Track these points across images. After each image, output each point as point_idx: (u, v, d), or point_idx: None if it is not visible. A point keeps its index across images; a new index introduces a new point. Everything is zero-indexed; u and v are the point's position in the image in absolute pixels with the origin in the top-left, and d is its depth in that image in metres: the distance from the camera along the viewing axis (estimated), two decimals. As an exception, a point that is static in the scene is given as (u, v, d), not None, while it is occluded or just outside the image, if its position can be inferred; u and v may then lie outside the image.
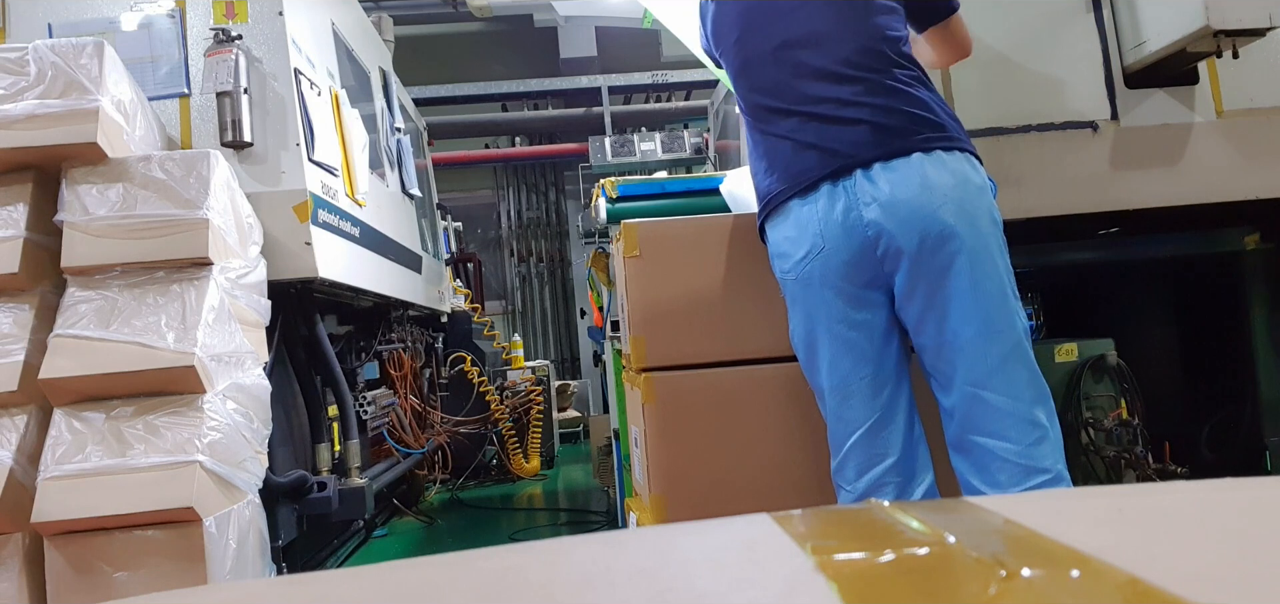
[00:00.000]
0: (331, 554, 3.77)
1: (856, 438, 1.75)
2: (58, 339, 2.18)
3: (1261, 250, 3.01)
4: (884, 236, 1.68)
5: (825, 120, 1.76)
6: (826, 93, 1.78)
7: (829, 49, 1.81)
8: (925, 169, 1.67)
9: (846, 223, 1.69)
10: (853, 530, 0.56)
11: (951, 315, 1.67)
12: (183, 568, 2.07)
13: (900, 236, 1.66)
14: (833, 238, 1.70)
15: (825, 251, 1.71)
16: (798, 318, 1.81)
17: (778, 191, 1.78)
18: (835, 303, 1.73)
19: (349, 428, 3.25)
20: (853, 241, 1.70)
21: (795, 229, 1.73)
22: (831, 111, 1.76)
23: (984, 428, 1.68)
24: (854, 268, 1.71)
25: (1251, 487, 0.65)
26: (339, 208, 3.03)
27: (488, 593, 0.52)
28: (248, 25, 2.80)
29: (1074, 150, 2.80)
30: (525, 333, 9.31)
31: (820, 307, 1.74)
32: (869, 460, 1.75)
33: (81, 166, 2.31)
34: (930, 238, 1.65)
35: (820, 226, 1.70)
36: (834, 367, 1.75)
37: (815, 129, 1.76)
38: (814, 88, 1.79)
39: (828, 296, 1.73)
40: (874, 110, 1.74)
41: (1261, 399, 3.05)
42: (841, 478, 1.80)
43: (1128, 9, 2.78)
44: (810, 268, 1.73)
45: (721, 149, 5.46)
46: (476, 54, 9.13)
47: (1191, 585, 0.41)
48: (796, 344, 1.85)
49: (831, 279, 1.72)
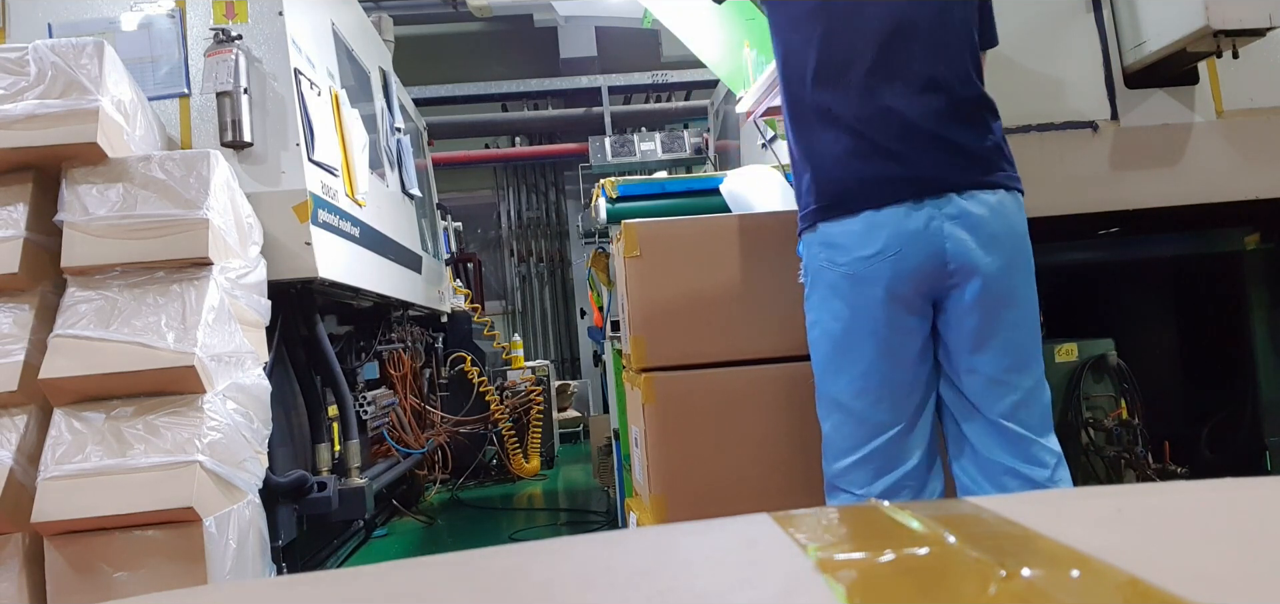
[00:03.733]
0: (331, 554, 3.77)
1: (880, 442, 1.72)
2: (58, 339, 2.18)
3: (1261, 250, 3.01)
4: (960, 256, 1.69)
5: (915, 134, 1.71)
6: (919, 102, 1.73)
7: (926, 47, 1.76)
8: (1006, 204, 1.74)
9: (926, 232, 1.67)
10: (853, 530, 0.56)
11: (1001, 344, 1.74)
12: (183, 568, 2.07)
13: (978, 261, 1.69)
14: (907, 244, 1.67)
15: (898, 256, 1.67)
16: (836, 311, 1.74)
17: (849, 196, 1.70)
18: (891, 306, 1.70)
19: (349, 428, 3.25)
20: (926, 252, 1.68)
21: (865, 226, 1.68)
22: (924, 126, 1.71)
23: (1018, 453, 1.74)
24: (920, 277, 1.69)
25: (1251, 487, 0.65)
26: (339, 208, 3.03)
27: (488, 593, 0.52)
28: (248, 25, 2.80)
29: (1074, 150, 2.80)
30: (525, 333, 9.31)
31: (872, 306, 1.70)
32: (889, 464, 1.73)
33: (81, 166, 2.31)
34: (1001, 268, 1.72)
35: (896, 230, 1.67)
36: (873, 367, 1.72)
37: (901, 138, 1.70)
38: (907, 90, 1.73)
39: (884, 298, 1.69)
40: (965, 135, 1.74)
41: (1261, 399, 3.05)
42: (847, 481, 1.75)
43: (1128, 9, 2.78)
44: (875, 267, 1.68)
45: (721, 149, 5.46)
46: (476, 54, 9.13)
47: (1191, 585, 0.41)
48: (822, 337, 1.77)
49: (895, 283, 1.68)
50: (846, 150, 1.72)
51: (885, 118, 1.71)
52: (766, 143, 3.80)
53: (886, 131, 1.71)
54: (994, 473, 1.75)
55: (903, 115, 1.72)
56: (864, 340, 1.72)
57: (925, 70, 1.75)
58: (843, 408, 1.76)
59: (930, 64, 1.76)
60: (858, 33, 1.75)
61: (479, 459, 5.76)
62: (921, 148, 1.71)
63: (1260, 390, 3.04)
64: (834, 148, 1.74)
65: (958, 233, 1.68)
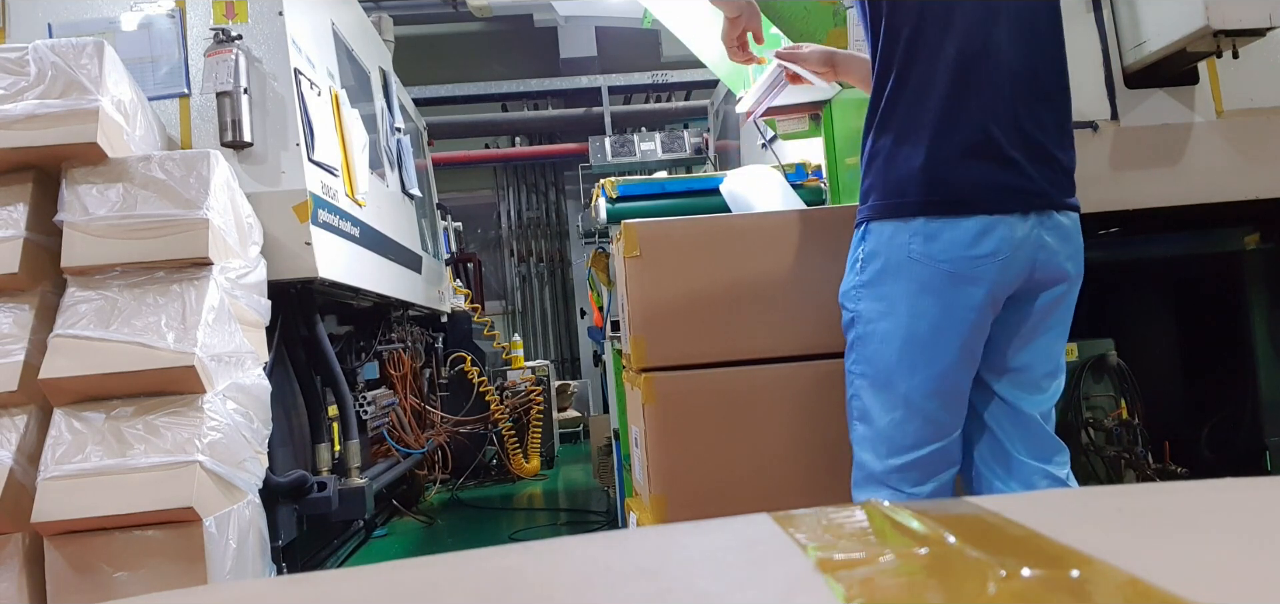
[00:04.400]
0: (331, 554, 3.77)
1: (942, 445, 1.71)
2: (58, 339, 2.18)
3: (1261, 250, 3.01)
4: (1047, 268, 1.71)
5: (1034, 146, 1.69)
6: (1039, 113, 1.71)
7: (1046, 55, 1.75)
8: (1077, 224, 1.78)
9: (1028, 243, 1.68)
10: (853, 530, 0.56)
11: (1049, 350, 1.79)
12: (183, 568, 2.07)
13: (1059, 274, 1.73)
14: (1014, 253, 1.67)
15: (1005, 263, 1.66)
16: (923, 307, 1.67)
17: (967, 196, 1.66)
18: (985, 311, 1.69)
19: (349, 428, 3.25)
20: (1024, 262, 1.68)
21: (981, 228, 1.65)
22: (1040, 139, 1.71)
23: (1045, 454, 1.79)
24: (1012, 283, 1.70)
25: (1251, 487, 0.65)
26: (339, 208, 3.03)
27: (488, 593, 0.52)
28: (248, 25, 2.80)
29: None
30: (525, 333, 9.31)
31: (967, 309, 1.67)
32: (941, 466, 1.73)
33: (81, 166, 2.31)
34: (1072, 283, 1.77)
35: (1007, 237, 1.66)
36: (956, 368, 1.70)
37: (1023, 148, 1.68)
38: (1032, 98, 1.71)
39: (983, 303, 1.68)
40: (1067, 154, 1.76)
41: (1261, 399, 3.05)
42: (899, 480, 1.72)
43: (1128, 9, 2.78)
44: (982, 269, 1.65)
45: (721, 149, 5.46)
46: (476, 54, 9.13)
47: (1191, 585, 0.41)
48: (896, 330, 1.70)
49: (996, 289, 1.68)
50: (969, 149, 1.67)
51: (1013, 124, 1.69)
52: (766, 143, 3.80)
53: (1012, 138, 1.68)
54: (1026, 474, 1.77)
55: (1026, 124, 1.70)
56: (950, 341, 1.68)
57: (1046, 81, 1.75)
58: (910, 405, 1.70)
59: (1049, 75, 1.76)
60: (992, 31, 1.71)
61: (479, 459, 5.76)
62: (1038, 161, 1.70)
63: (1260, 390, 3.04)
64: (954, 144, 1.68)
65: (1051, 247, 1.70)
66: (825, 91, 2.32)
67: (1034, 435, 1.78)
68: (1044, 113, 1.72)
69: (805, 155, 3.43)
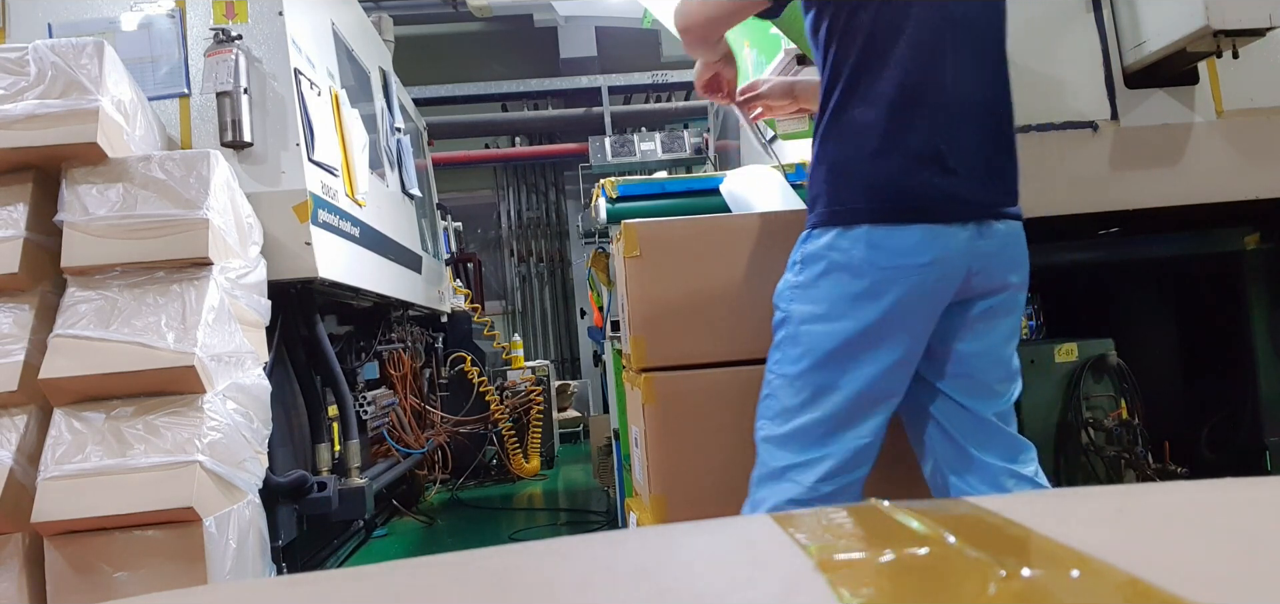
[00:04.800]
0: (331, 554, 3.77)
1: (854, 448, 1.72)
2: (58, 339, 2.18)
3: (1261, 250, 3.01)
4: (986, 271, 1.72)
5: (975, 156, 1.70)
6: (981, 123, 1.73)
7: (990, 64, 1.76)
8: (1020, 231, 1.79)
9: (966, 249, 1.69)
10: (853, 530, 0.56)
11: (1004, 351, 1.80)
12: (183, 568, 2.07)
13: (1001, 281, 1.74)
14: (952, 259, 1.68)
15: (945, 269, 1.67)
16: (865, 311, 1.68)
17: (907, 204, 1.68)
18: (923, 318, 1.70)
19: (349, 428, 3.25)
20: (960, 266, 1.69)
21: (922, 235, 1.67)
22: (983, 149, 1.71)
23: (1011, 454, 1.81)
24: (950, 290, 1.71)
25: (1251, 487, 0.65)
26: (339, 208, 3.03)
27: (488, 593, 0.52)
28: (248, 25, 2.80)
29: (1074, 150, 2.80)
30: (525, 333, 9.31)
31: (906, 313, 1.68)
32: (845, 468, 1.72)
33: (81, 166, 2.31)
34: (1017, 287, 1.78)
35: (946, 243, 1.67)
36: (881, 376, 1.70)
37: (964, 157, 1.69)
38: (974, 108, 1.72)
39: (923, 313, 1.70)
40: (1008, 163, 1.77)
41: (1261, 399, 3.05)
42: (801, 475, 1.72)
43: (1128, 9, 2.78)
44: (924, 278, 1.66)
45: (721, 149, 5.46)
46: (476, 54, 9.13)
47: (1191, 585, 0.41)
48: (835, 334, 1.70)
49: (935, 294, 1.69)
50: (913, 160, 1.68)
51: (956, 135, 1.70)
52: (766, 143, 3.79)
53: (954, 149, 1.69)
54: (989, 473, 1.78)
55: (968, 135, 1.71)
56: (887, 345, 1.69)
57: (988, 91, 1.75)
58: (837, 407, 1.72)
59: (991, 85, 1.76)
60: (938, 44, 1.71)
61: (479, 459, 5.76)
62: (979, 171, 1.71)
63: (1260, 390, 3.04)
64: (898, 154, 1.69)
65: (989, 254, 1.71)
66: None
67: (992, 435, 1.78)
68: (986, 122, 1.74)
69: (805, 155, 3.43)
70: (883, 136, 1.70)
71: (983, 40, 1.77)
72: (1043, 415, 2.88)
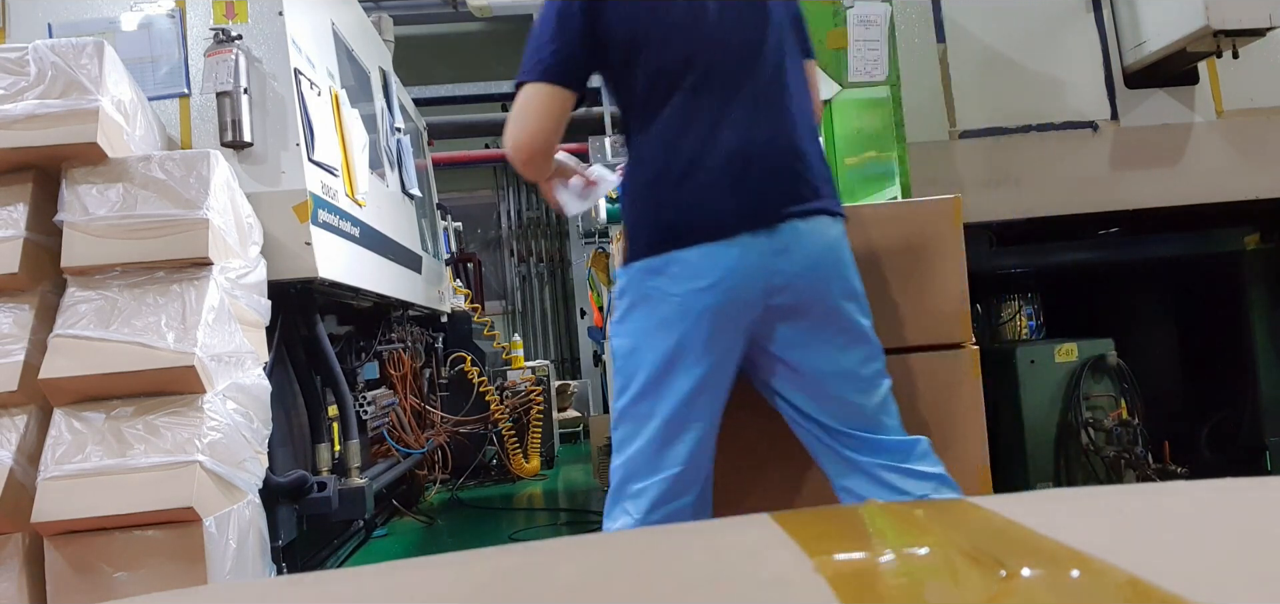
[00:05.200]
0: (331, 554, 3.77)
1: (671, 474, 1.70)
2: (58, 339, 2.18)
3: (1261, 250, 3.01)
4: (787, 290, 1.68)
5: (763, 164, 1.69)
6: (752, 129, 1.71)
7: (757, 69, 1.74)
8: (828, 229, 1.73)
9: (757, 268, 1.66)
10: (852, 530, 0.56)
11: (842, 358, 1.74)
12: (183, 568, 2.07)
13: (803, 291, 1.69)
14: (738, 279, 1.66)
15: (729, 290, 1.66)
16: (662, 341, 1.70)
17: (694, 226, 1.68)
18: (716, 342, 1.68)
19: (349, 428, 3.25)
20: (754, 287, 1.67)
21: (703, 258, 1.66)
22: (772, 153, 1.71)
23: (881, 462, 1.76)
24: (743, 312, 1.68)
25: (1251, 487, 0.65)
26: (339, 208, 3.03)
27: (488, 593, 0.52)
28: (248, 25, 2.80)
29: (1074, 150, 2.80)
30: (525, 333, 9.31)
31: (699, 340, 1.67)
32: (670, 497, 1.70)
33: (81, 166, 2.31)
34: (835, 295, 1.73)
35: (729, 265, 1.65)
36: (684, 402, 1.69)
37: (750, 168, 1.68)
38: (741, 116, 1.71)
39: (713, 335, 1.67)
40: (802, 157, 1.73)
41: (1261, 399, 3.05)
42: (632, 504, 1.72)
43: (1128, 9, 2.78)
44: (706, 300, 1.66)
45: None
46: (476, 54, 9.13)
47: (1191, 585, 0.41)
48: (642, 365, 1.72)
49: (723, 319, 1.67)
50: (690, 182, 1.70)
51: (730, 153, 1.69)
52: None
53: (736, 161, 1.69)
54: (877, 476, 1.75)
55: (755, 142, 1.70)
56: (684, 372, 1.69)
57: (772, 91, 1.74)
58: (652, 435, 1.72)
59: (774, 86, 1.75)
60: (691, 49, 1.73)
61: (479, 459, 5.76)
62: (767, 176, 1.69)
63: (1260, 390, 3.05)
64: (676, 179, 1.71)
65: (792, 255, 1.68)
66: None
67: (861, 440, 1.75)
68: (770, 132, 1.73)
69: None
70: (659, 171, 1.73)
71: (761, 50, 1.76)
72: (1043, 415, 2.88)
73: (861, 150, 2.93)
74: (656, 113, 1.74)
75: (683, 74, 1.73)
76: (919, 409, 2.06)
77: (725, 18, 1.75)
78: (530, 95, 1.76)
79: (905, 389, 2.07)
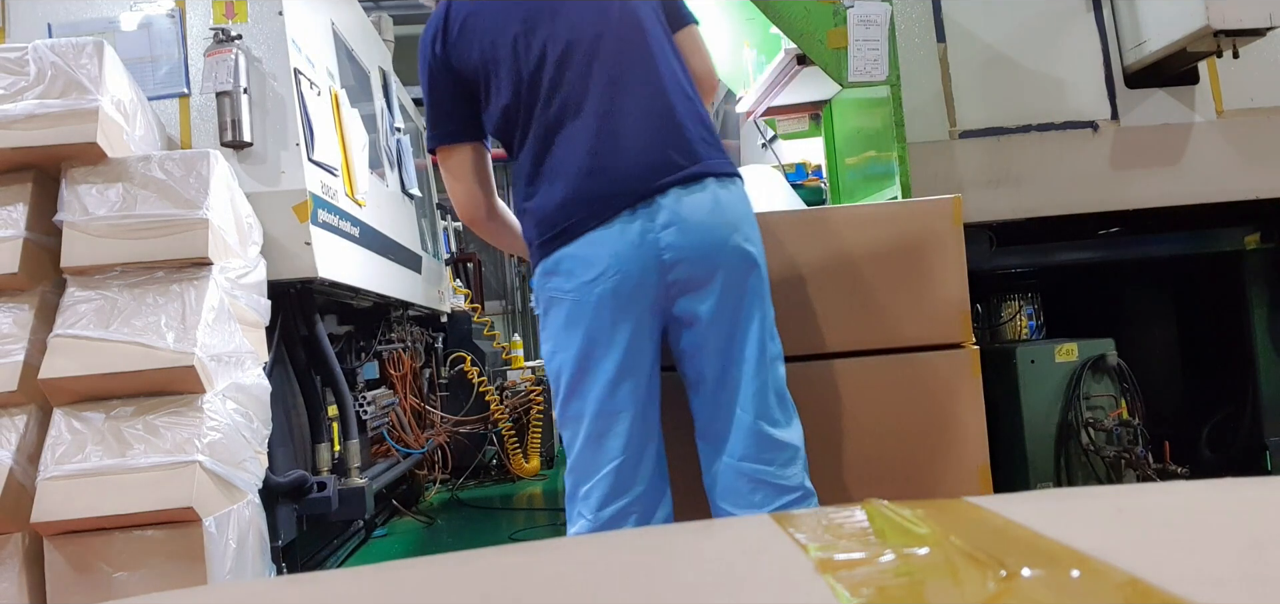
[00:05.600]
0: (331, 554, 3.77)
1: (611, 468, 1.70)
2: (58, 339, 2.18)
3: (1261, 250, 3.01)
4: (681, 263, 1.66)
5: (633, 141, 1.68)
6: (611, 103, 1.70)
7: (611, 45, 1.73)
8: (718, 194, 1.69)
9: (642, 246, 1.65)
10: (853, 530, 0.56)
11: (738, 341, 1.70)
12: (183, 568, 2.07)
13: (698, 262, 1.66)
14: (626, 261, 1.65)
15: (619, 274, 1.65)
16: (573, 339, 1.70)
17: (566, 220, 1.69)
18: (621, 327, 1.67)
19: (349, 428, 3.25)
20: (646, 265, 1.65)
21: (586, 248, 1.66)
22: (640, 128, 1.69)
23: (743, 451, 1.71)
24: (643, 292, 1.66)
25: (1251, 487, 0.65)
26: (339, 208, 3.03)
27: (488, 593, 0.52)
28: (248, 25, 2.80)
29: (1074, 150, 2.80)
30: (525, 333, 9.31)
31: (604, 330, 1.67)
32: (617, 491, 1.70)
33: (81, 166, 2.31)
34: (729, 263, 1.68)
35: (614, 249, 1.65)
36: (606, 394, 1.68)
37: (620, 150, 1.68)
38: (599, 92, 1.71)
39: (615, 321, 1.66)
40: (668, 126, 1.71)
41: (1261, 399, 3.05)
42: (584, 506, 1.73)
43: (1128, 9, 2.78)
44: (600, 289, 1.66)
45: (721, 149, 5.45)
46: (476, 54, 9.11)
47: (1191, 585, 0.41)
48: (563, 366, 1.73)
49: (622, 303, 1.66)
50: (561, 178, 1.71)
51: (598, 139, 1.69)
52: (766, 143, 3.80)
53: (599, 152, 1.69)
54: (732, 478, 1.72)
55: (617, 132, 1.70)
56: (600, 367, 1.69)
57: (616, 78, 1.72)
58: (581, 435, 1.73)
59: (620, 71, 1.73)
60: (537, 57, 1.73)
61: (479, 459, 5.76)
62: (631, 157, 1.68)
63: (1260, 390, 3.05)
64: (548, 179, 1.73)
65: (672, 241, 1.65)
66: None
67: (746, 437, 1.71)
68: (638, 99, 1.72)
69: (805, 155, 3.43)
70: (533, 178, 1.75)
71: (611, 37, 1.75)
72: (1043, 415, 2.88)
73: (861, 150, 2.93)
74: (527, 126, 1.76)
75: (536, 83, 1.74)
76: (919, 409, 2.06)
77: (560, 20, 1.75)
78: (443, 164, 1.91)
79: (905, 389, 2.08)
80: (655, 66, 1.75)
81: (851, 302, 2.09)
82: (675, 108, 1.73)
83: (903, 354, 2.08)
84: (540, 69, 1.74)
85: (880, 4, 2.53)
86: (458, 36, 1.79)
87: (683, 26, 1.89)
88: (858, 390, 2.08)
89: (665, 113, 1.72)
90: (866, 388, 2.07)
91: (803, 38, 2.57)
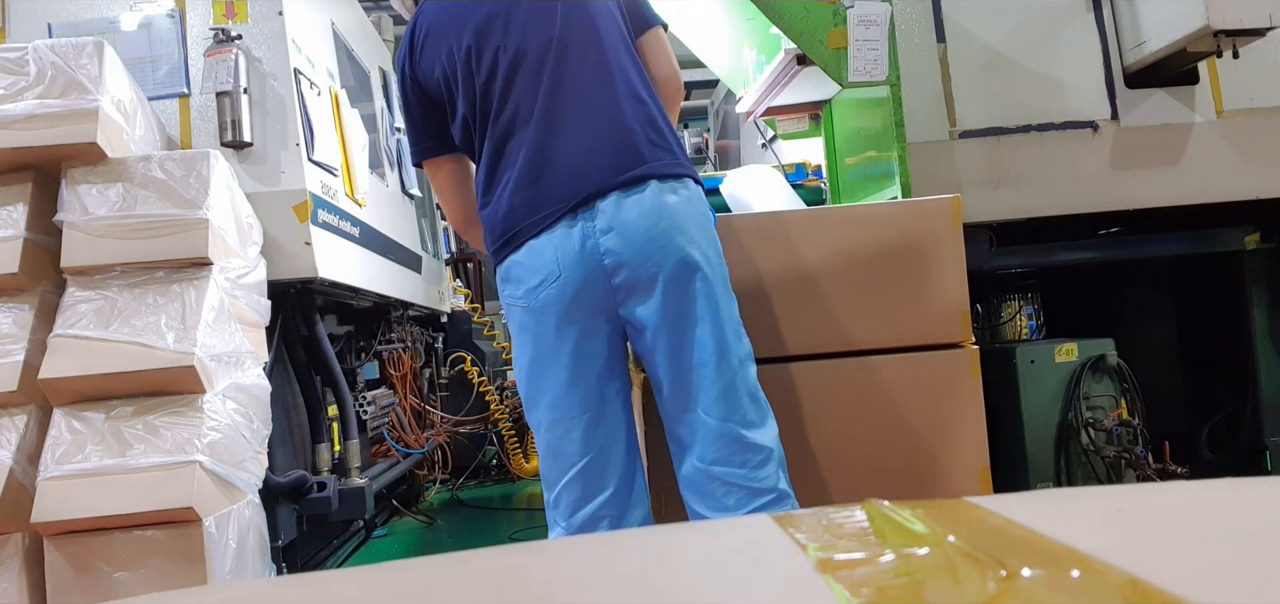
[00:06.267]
0: (331, 554, 3.77)
1: (573, 473, 1.70)
2: (58, 339, 2.18)
3: (1261, 250, 3.01)
4: (623, 267, 1.65)
5: (575, 147, 1.68)
6: (556, 111, 1.70)
7: (561, 52, 1.73)
8: (663, 196, 1.67)
9: (583, 251, 1.64)
10: (853, 530, 0.56)
11: (688, 345, 1.68)
12: (183, 568, 2.07)
13: (639, 266, 1.65)
14: (568, 266, 1.65)
15: (561, 280, 1.65)
16: (525, 347, 1.72)
17: (512, 228, 1.70)
18: (566, 333, 1.67)
19: (349, 428, 3.25)
20: (588, 270, 1.65)
21: (529, 255, 1.67)
22: (581, 133, 1.69)
23: (713, 455, 1.68)
24: (587, 296, 1.66)
25: (1251, 487, 0.65)
26: (339, 208, 3.03)
27: (488, 593, 0.52)
28: (248, 25, 2.80)
29: (1074, 150, 2.80)
30: (525, 333, 9.28)
31: (550, 336, 1.68)
32: (586, 495, 1.70)
33: (81, 166, 2.31)
34: (670, 267, 1.66)
35: (556, 254, 1.65)
36: (559, 399, 1.69)
37: (560, 156, 1.68)
38: (546, 100, 1.71)
39: (560, 326, 1.67)
40: (614, 129, 1.70)
41: (1261, 399, 3.05)
42: (557, 514, 1.73)
43: (1128, 9, 2.78)
44: (544, 295, 1.66)
45: (721, 149, 5.46)
46: (476, 54, 9.10)
47: (1191, 585, 0.41)
48: (519, 374, 1.76)
49: (565, 308, 1.66)
50: (508, 188, 1.72)
51: (540, 148, 1.69)
52: (766, 143, 3.79)
53: (540, 161, 1.69)
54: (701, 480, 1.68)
55: (559, 141, 1.70)
56: (549, 372, 1.69)
57: (564, 84, 1.72)
58: (543, 441, 1.74)
59: (568, 76, 1.73)
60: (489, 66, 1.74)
61: (479, 459, 5.76)
62: (570, 164, 1.68)
63: (1260, 390, 3.05)
64: (497, 189, 1.75)
65: (613, 245, 1.64)
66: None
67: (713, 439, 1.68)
68: (584, 105, 1.72)
69: (805, 155, 3.43)
70: (490, 182, 1.77)
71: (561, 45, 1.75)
72: (1043, 415, 2.88)
73: (861, 150, 2.93)
74: (482, 136, 1.78)
75: (488, 94, 1.75)
76: (919, 409, 2.06)
77: (512, 30, 1.75)
78: (429, 177, 1.97)
79: (905, 389, 2.08)
80: (607, 71, 1.74)
81: (851, 301, 2.09)
82: (623, 111, 1.72)
83: (902, 354, 2.08)
84: (491, 79, 1.75)
85: (880, 4, 2.53)
86: (421, 54, 1.82)
87: (646, 29, 1.88)
88: (857, 390, 2.08)
89: (611, 116, 1.71)
90: (866, 388, 2.08)
91: (803, 38, 2.57)
